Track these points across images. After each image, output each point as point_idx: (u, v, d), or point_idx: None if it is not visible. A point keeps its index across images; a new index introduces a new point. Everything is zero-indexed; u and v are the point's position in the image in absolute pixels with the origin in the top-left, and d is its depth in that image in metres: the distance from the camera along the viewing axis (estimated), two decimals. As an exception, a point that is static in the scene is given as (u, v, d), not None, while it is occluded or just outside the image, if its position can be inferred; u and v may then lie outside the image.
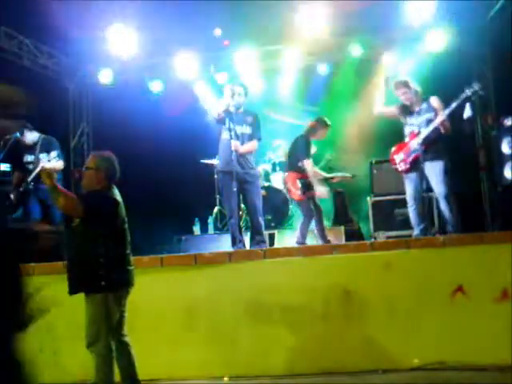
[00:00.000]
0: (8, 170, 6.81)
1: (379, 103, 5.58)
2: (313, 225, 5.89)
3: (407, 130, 5.41)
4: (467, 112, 5.18)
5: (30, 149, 6.13)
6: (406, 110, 5.42)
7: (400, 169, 5.39)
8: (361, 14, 7.01)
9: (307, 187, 5.83)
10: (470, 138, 7.59)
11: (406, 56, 8.01)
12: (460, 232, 4.89)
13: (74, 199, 3.39)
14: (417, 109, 5.35)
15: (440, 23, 7.49)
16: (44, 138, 6.23)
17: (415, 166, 5.27)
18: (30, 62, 8.18)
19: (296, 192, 5.87)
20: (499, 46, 7.20)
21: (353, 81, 8.32)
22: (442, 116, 5.10)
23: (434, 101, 5.27)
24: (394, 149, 5.48)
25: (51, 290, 4.20)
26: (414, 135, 5.29)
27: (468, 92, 5.05)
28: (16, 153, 6.10)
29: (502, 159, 6.54)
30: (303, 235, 5.77)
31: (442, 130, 5.13)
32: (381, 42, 8.13)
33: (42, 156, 6.03)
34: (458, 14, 7.40)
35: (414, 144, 5.26)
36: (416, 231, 5.28)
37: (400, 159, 5.39)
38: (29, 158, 6.11)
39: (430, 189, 5.89)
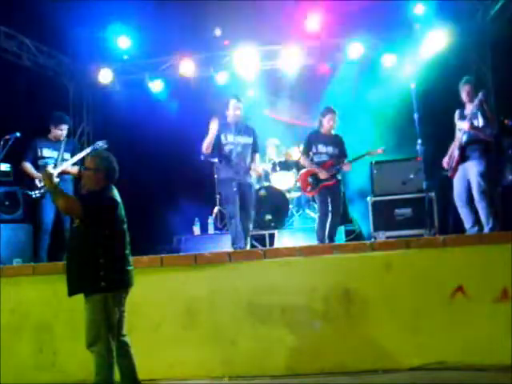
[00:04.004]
0: (8, 169, 6.82)
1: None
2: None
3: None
4: None
5: (54, 144, 6.11)
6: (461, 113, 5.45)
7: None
8: (361, 14, 7.02)
9: (317, 182, 5.86)
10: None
11: (406, 56, 8.02)
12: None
13: (73, 200, 3.40)
14: (465, 112, 5.36)
15: (440, 23, 7.50)
16: (66, 138, 6.25)
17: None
18: (30, 62, 8.19)
19: (306, 188, 5.97)
20: (499, 46, 7.21)
21: (353, 81, 8.33)
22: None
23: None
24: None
25: (51, 290, 4.21)
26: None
27: None
28: (32, 145, 6.05)
29: (502, 159, 6.54)
30: (320, 237, 5.78)
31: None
32: (381, 42, 8.14)
33: (67, 156, 6.05)
34: (458, 14, 7.41)
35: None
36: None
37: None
38: (50, 152, 6.06)
39: (429, 189, 5.91)
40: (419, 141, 5.61)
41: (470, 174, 5.23)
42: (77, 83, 9.21)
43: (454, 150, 5.41)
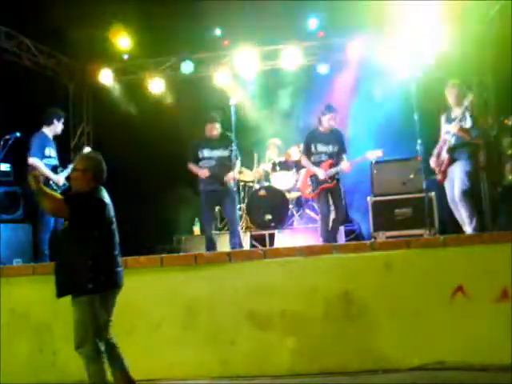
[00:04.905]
0: (8, 169, 6.81)
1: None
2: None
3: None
4: None
5: (53, 143, 6.11)
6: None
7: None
8: (361, 14, 7.01)
9: (317, 184, 5.84)
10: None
11: (406, 56, 8.01)
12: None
13: (60, 201, 3.36)
14: (453, 115, 5.38)
15: (440, 23, 7.50)
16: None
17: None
18: (30, 62, 8.19)
19: (306, 191, 5.96)
20: (499, 47, 7.20)
21: (352, 81, 8.33)
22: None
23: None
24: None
25: (51, 290, 4.20)
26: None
27: None
28: (41, 142, 5.97)
29: (502, 159, 6.55)
30: (325, 239, 5.77)
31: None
32: (380, 42, 8.14)
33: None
34: (458, 14, 7.40)
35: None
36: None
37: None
38: (53, 152, 6.03)
39: (429, 189, 5.91)
40: (419, 141, 5.61)
41: (455, 173, 5.23)
42: (77, 83, 9.21)
43: (441, 152, 5.40)
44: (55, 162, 5.99)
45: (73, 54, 8.71)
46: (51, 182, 5.82)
